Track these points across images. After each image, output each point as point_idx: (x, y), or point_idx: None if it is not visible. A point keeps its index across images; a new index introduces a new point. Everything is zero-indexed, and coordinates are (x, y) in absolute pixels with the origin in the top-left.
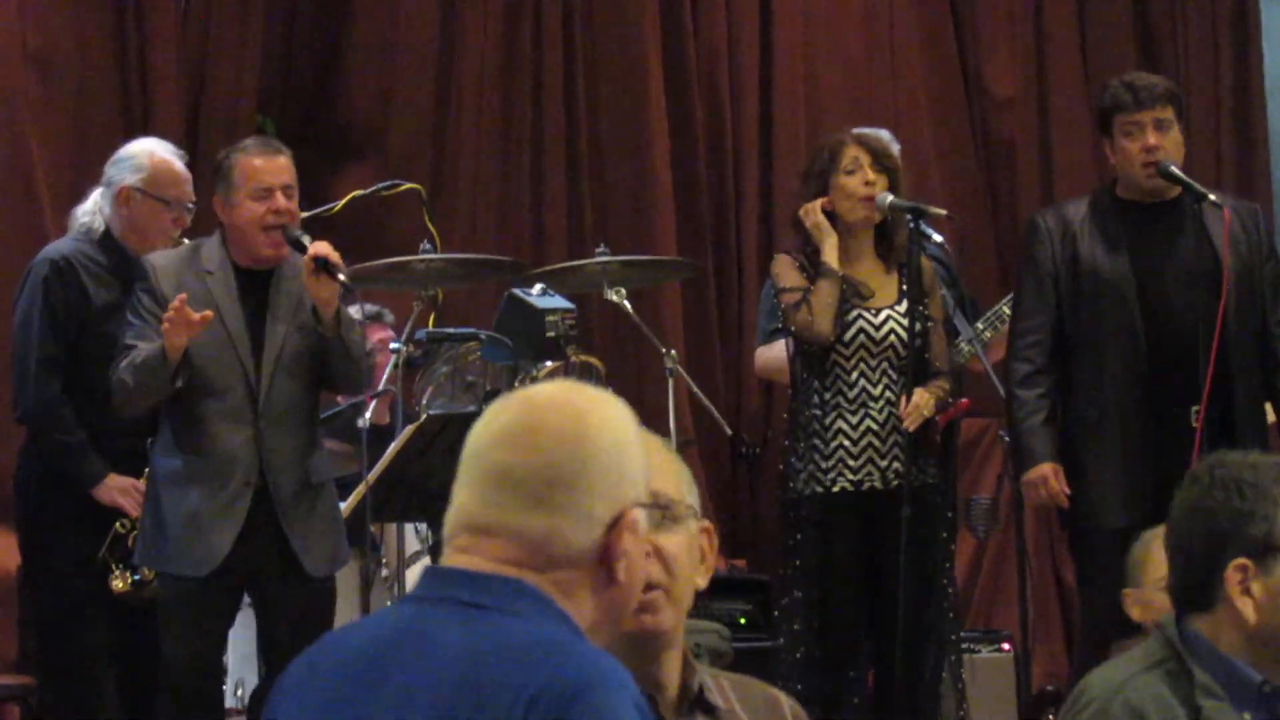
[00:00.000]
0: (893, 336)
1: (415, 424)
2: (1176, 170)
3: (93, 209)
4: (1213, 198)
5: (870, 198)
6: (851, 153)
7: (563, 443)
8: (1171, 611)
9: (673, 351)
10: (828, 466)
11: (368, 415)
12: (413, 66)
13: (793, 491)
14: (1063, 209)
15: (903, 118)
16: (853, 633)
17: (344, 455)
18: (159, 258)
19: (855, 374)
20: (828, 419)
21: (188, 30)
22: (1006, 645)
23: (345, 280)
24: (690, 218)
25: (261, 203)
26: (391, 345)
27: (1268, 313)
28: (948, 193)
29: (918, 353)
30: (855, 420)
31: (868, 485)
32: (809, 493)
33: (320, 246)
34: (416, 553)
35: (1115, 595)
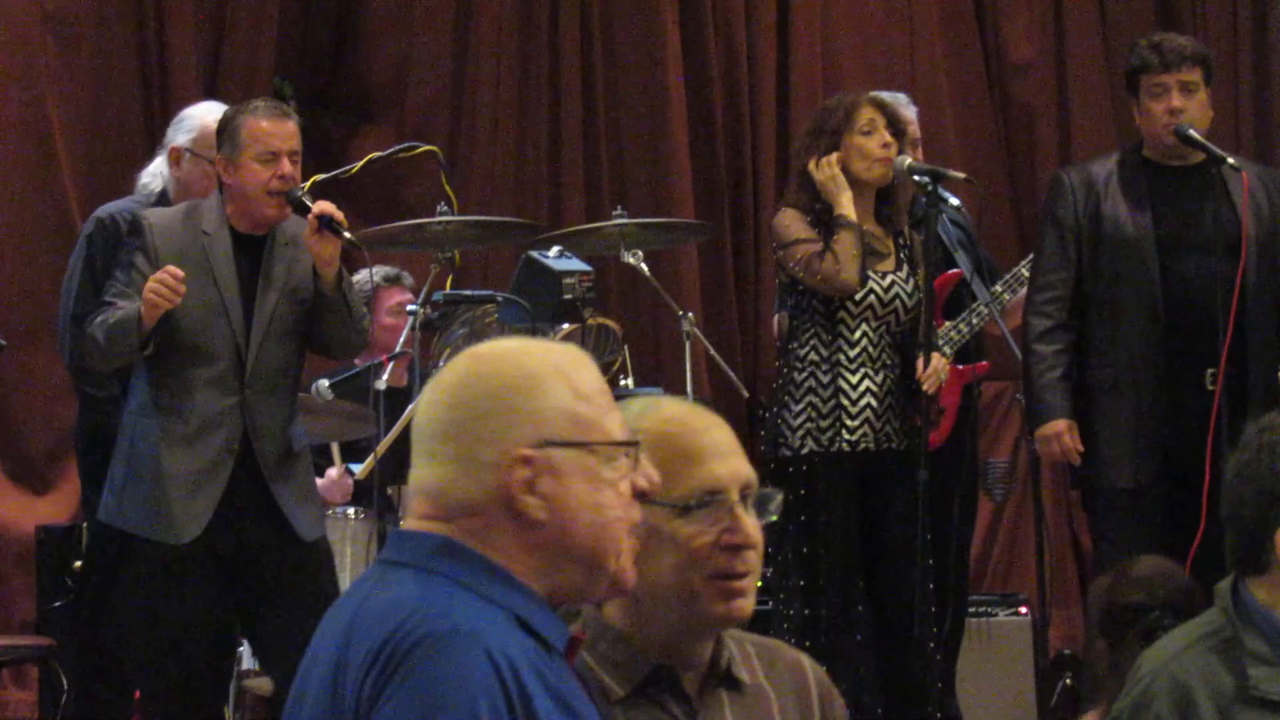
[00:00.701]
0: (897, 301)
1: None
2: (1195, 134)
3: (155, 170)
4: (1231, 161)
5: (889, 159)
6: (868, 113)
7: (449, 393)
8: (1229, 578)
9: (690, 314)
10: (825, 425)
11: (384, 377)
12: (430, 29)
13: (786, 449)
14: (1088, 166)
15: (921, 82)
16: (847, 592)
17: (361, 417)
18: (156, 215)
19: (858, 334)
20: (826, 377)
21: None
22: (1024, 609)
23: (350, 238)
24: (707, 180)
25: (267, 167)
26: (409, 307)
27: None
28: (966, 157)
29: (929, 317)
30: (855, 380)
31: (863, 446)
32: (805, 450)
33: (324, 205)
34: None
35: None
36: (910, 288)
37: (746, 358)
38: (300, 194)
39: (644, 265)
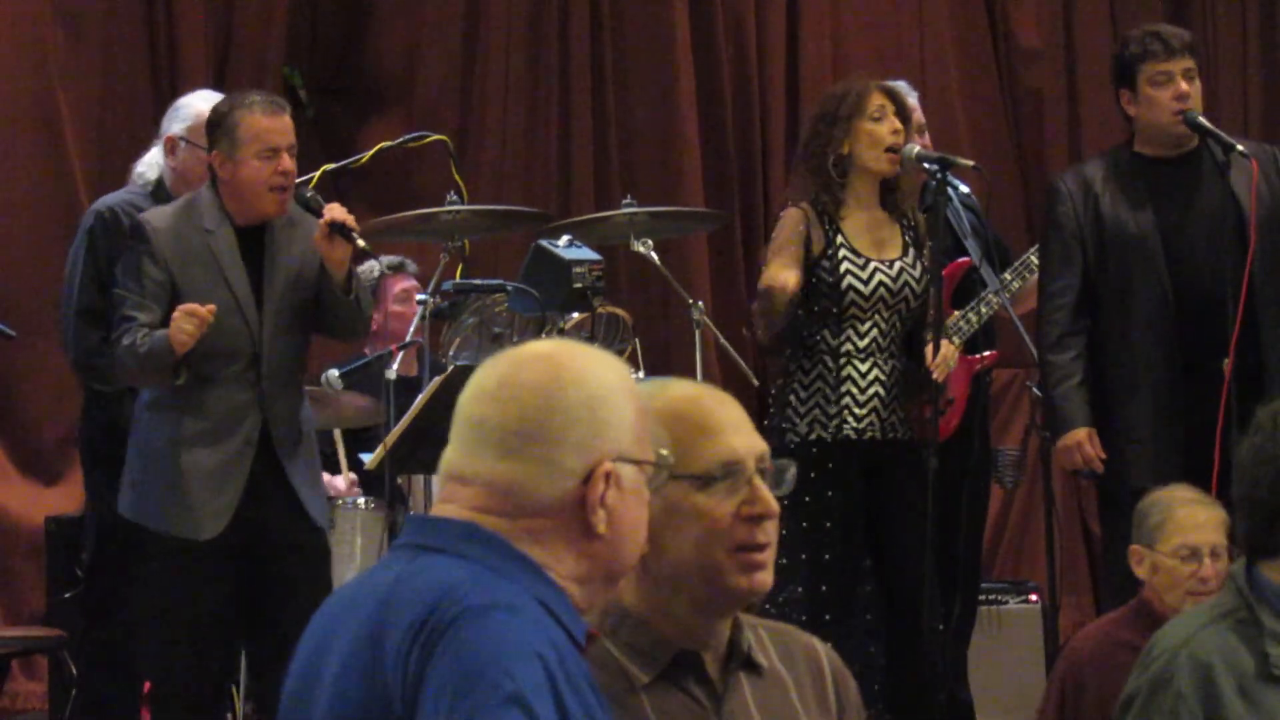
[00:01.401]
0: (906, 290)
1: (442, 375)
2: (1204, 121)
3: (150, 160)
4: (1240, 148)
5: (898, 146)
6: (878, 99)
7: (534, 394)
8: (1242, 560)
9: (700, 302)
10: (833, 413)
11: (394, 366)
12: (440, 18)
13: (791, 438)
14: (1081, 170)
15: (929, 68)
16: (848, 580)
17: (371, 407)
18: (156, 217)
19: (868, 324)
20: (836, 366)
21: None
22: (1034, 596)
23: (363, 244)
24: (717, 169)
25: (268, 163)
26: (418, 296)
27: None
28: (974, 143)
29: (939, 304)
30: (864, 369)
31: (869, 435)
32: (813, 437)
33: (335, 211)
34: None
35: None
36: (919, 273)
37: (756, 346)
38: (311, 196)
39: (654, 254)
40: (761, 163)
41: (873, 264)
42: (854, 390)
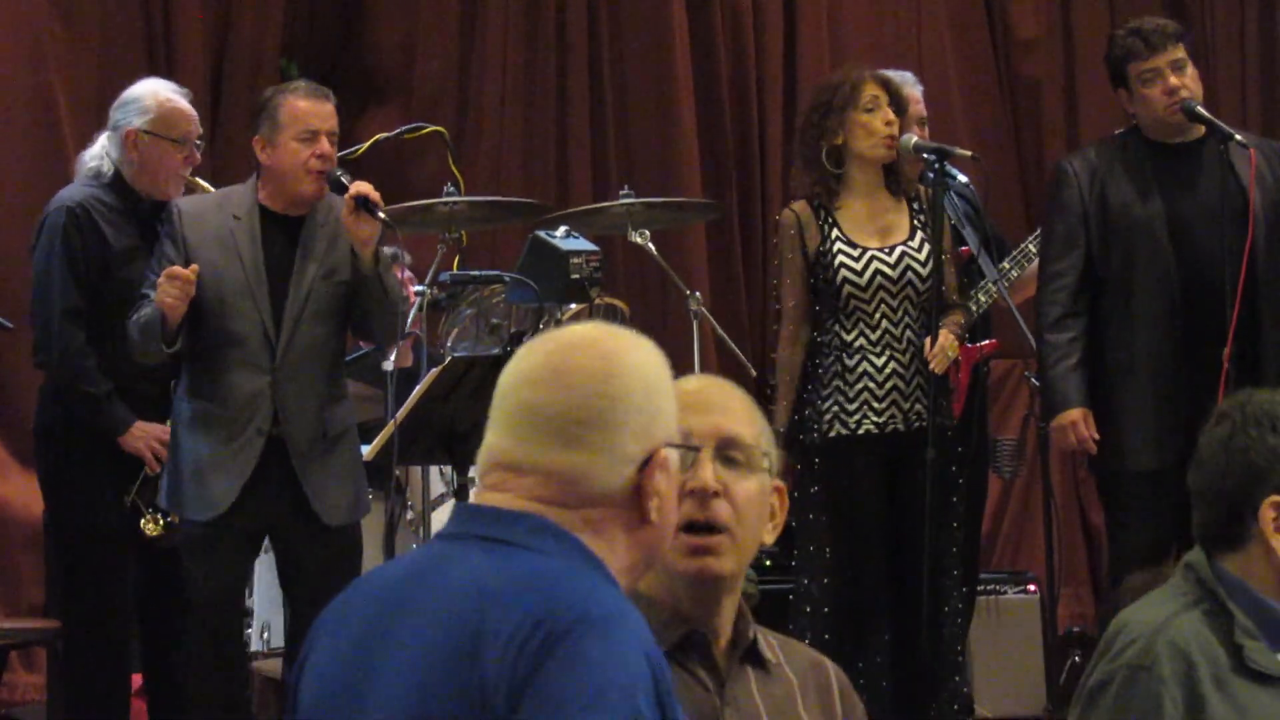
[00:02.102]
0: (910, 274)
1: (440, 366)
2: (1203, 111)
3: (100, 153)
4: (1239, 137)
5: (893, 136)
6: (871, 90)
7: (593, 381)
8: (1200, 551)
9: (697, 293)
10: (853, 409)
11: (392, 358)
12: (437, 10)
13: (813, 436)
14: (1087, 153)
15: (927, 58)
16: (877, 581)
17: (368, 398)
18: (187, 202)
19: (878, 315)
20: (852, 361)
21: None
22: (1032, 586)
23: (386, 218)
24: (714, 159)
25: (307, 146)
26: (415, 288)
27: None
28: (972, 133)
29: (936, 296)
30: (881, 362)
31: (891, 427)
32: (833, 434)
33: (361, 185)
34: (441, 495)
35: (1145, 538)
36: (924, 255)
37: (754, 337)
38: (339, 174)
39: (651, 245)
40: (759, 153)
41: (869, 253)
42: (871, 385)
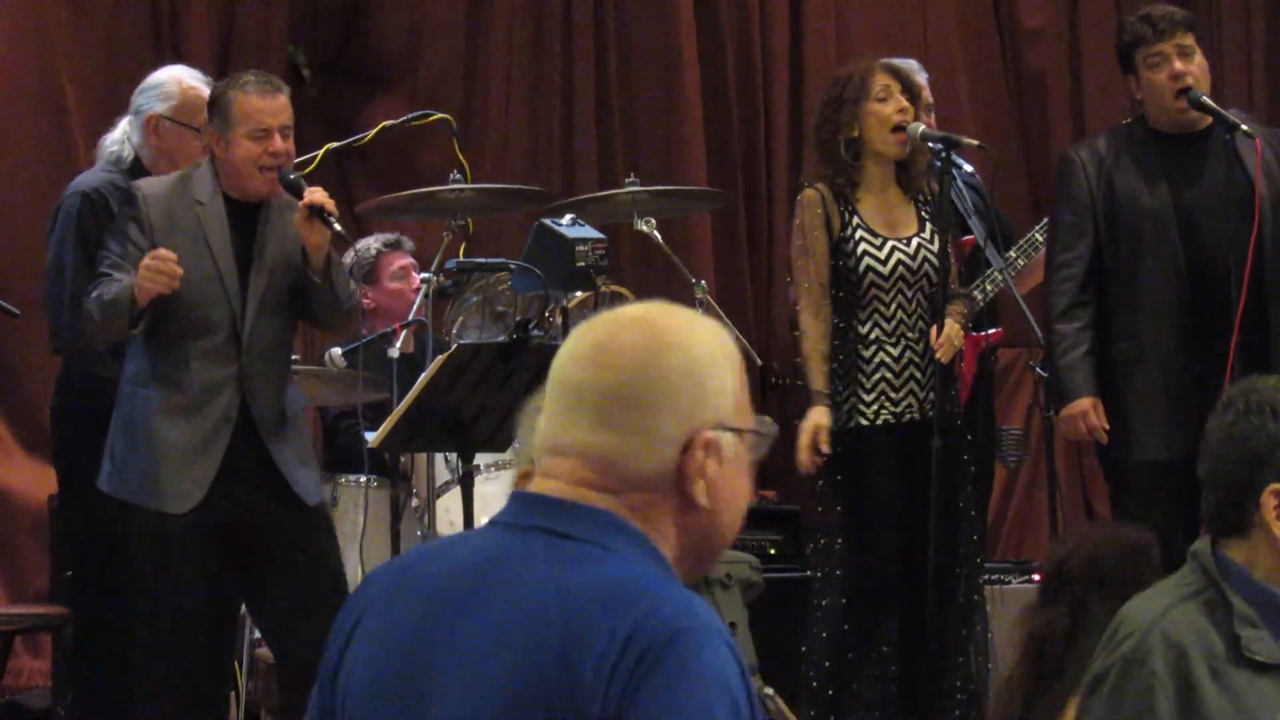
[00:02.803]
0: (926, 265)
1: (445, 354)
2: (1208, 100)
3: (121, 138)
4: (1245, 127)
5: (904, 126)
6: (882, 80)
7: (633, 360)
8: (1206, 539)
9: (703, 282)
10: (870, 399)
11: (397, 345)
12: None
13: (832, 427)
14: (1094, 142)
15: (933, 49)
16: (890, 570)
17: (373, 384)
18: (148, 185)
19: (894, 306)
20: (868, 352)
21: None
22: (1037, 575)
23: (340, 230)
24: (720, 148)
25: (259, 143)
26: (421, 275)
27: None
28: (979, 124)
29: (944, 285)
30: (896, 353)
31: (908, 417)
32: (852, 425)
33: (316, 194)
34: (446, 483)
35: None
36: (937, 249)
37: (760, 326)
38: (294, 177)
39: (657, 233)
40: (764, 141)
41: (890, 243)
42: (889, 375)
